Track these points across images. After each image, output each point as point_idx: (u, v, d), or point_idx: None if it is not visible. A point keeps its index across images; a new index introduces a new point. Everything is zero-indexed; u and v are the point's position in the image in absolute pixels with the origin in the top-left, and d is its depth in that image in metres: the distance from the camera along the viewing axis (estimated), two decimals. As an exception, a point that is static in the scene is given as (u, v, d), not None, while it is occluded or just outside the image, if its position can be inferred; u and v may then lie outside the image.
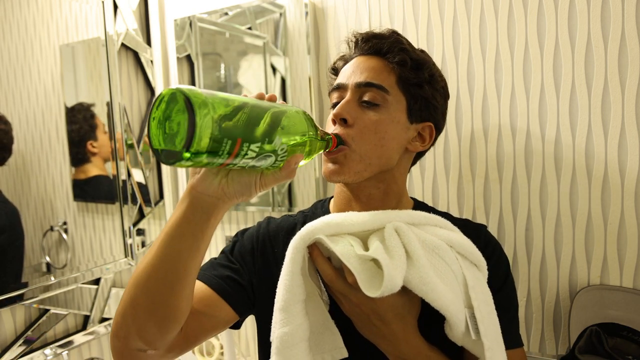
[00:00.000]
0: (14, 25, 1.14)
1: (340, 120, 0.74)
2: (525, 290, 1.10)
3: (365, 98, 0.75)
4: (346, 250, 0.63)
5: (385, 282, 0.58)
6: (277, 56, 1.33)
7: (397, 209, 0.77)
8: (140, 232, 1.46)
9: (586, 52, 1.00)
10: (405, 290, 0.63)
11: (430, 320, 0.67)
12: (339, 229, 0.67)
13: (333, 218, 0.68)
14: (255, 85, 1.38)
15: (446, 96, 0.84)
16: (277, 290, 0.68)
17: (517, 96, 1.07)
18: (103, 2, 1.34)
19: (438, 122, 0.82)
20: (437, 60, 1.13)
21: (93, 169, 1.33)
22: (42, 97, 1.19)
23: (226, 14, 1.40)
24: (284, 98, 1.33)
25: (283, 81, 1.33)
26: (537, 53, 1.04)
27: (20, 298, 1.12)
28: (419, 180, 1.19)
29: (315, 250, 0.67)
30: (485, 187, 1.12)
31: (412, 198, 0.88)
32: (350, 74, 0.77)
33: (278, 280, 0.68)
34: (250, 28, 1.37)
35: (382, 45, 0.77)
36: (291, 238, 0.69)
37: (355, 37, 0.81)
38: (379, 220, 0.68)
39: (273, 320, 0.67)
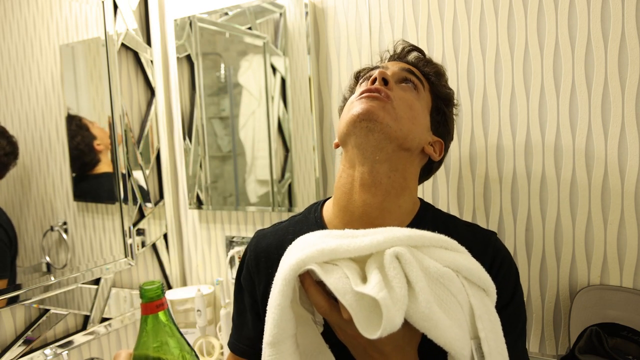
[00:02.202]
0: (14, 25, 1.14)
1: (382, 80, 0.76)
2: (525, 290, 1.10)
3: (406, 77, 0.82)
4: (341, 284, 0.58)
5: (384, 324, 0.54)
6: (277, 56, 1.33)
7: (395, 211, 0.76)
8: (140, 232, 1.46)
9: (586, 52, 1.00)
10: (405, 322, 0.58)
11: (431, 348, 0.62)
12: (334, 256, 0.61)
13: (327, 245, 0.62)
14: (255, 85, 1.38)
15: (453, 117, 0.90)
16: (266, 322, 0.63)
17: (517, 96, 1.07)
18: (103, 2, 1.34)
19: (447, 142, 0.87)
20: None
21: (103, 166, 1.34)
22: (42, 97, 1.19)
23: (226, 14, 1.40)
24: (284, 98, 1.33)
25: (283, 81, 1.33)
26: (537, 53, 1.04)
27: (20, 298, 1.12)
28: (419, 180, 1.19)
29: (307, 279, 0.63)
30: (485, 187, 1.12)
31: (419, 199, 0.85)
32: (389, 66, 0.85)
33: None
34: (250, 28, 1.37)
35: (420, 59, 0.88)
36: (282, 254, 0.67)
37: (396, 47, 0.93)
38: (378, 244, 0.62)
39: (262, 354, 0.64)
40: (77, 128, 1.29)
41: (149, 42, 1.50)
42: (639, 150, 0.97)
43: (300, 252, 0.62)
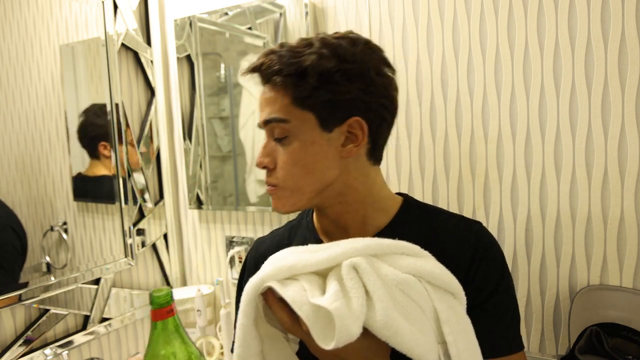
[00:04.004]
0: (14, 25, 1.14)
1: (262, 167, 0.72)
2: (525, 290, 1.10)
3: (275, 135, 0.70)
4: (298, 297, 0.58)
5: (337, 334, 0.54)
6: (277, 56, 1.33)
7: (371, 215, 0.74)
8: (140, 232, 1.46)
9: (586, 52, 1.00)
10: (370, 332, 0.58)
11: (405, 357, 0.61)
12: (292, 272, 0.61)
13: (285, 261, 0.62)
14: (256, 85, 1.37)
15: (363, 76, 0.68)
16: (235, 339, 0.64)
17: (517, 96, 1.07)
18: (103, 2, 1.34)
19: (364, 111, 0.68)
20: (436, 60, 1.14)
21: (101, 169, 1.34)
22: (42, 97, 1.19)
23: (226, 14, 1.40)
24: (284, 98, 1.33)
25: (283, 81, 1.33)
26: (537, 53, 1.04)
27: (20, 298, 1.12)
28: (419, 180, 1.19)
29: (270, 297, 0.62)
30: (485, 187, 1.12)
31: (401, 194, 0.81)
32: (260, 111, 0.73)
33: None
34: (250, 28, 1.37)
35: (265, 72, 0.70)
36: None
37: (248, 69, 0.74)
38: (335, 257, 0.61)
39: None
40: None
41: (149, 42, 1.50)
42: (639, 150, 0.97)
43: (261, 271, 0.62)
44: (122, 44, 1.41)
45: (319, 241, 0.78)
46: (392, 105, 0.71)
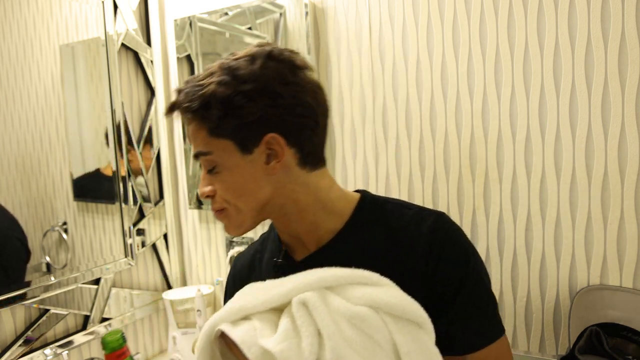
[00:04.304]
0: (14, 25, 1.14)
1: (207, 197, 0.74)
2: (525, 290, 1.10)
3: (206, 167, 0.72)
4: (248, 337, 0.57)
5: None
6: (277, 56, 1.33)
7: (323, 220, 0.72)
8: (140, 232, 1.46)
9: (586, 52, 1.00)
10: None
11: None
12: (244, 312, 0.60)
13: (235, 303, 0.62)
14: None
15: (266, 92, 0.66)
16: None
17: (517, 96, 1.07)
18: (103, 2, 1.34)
19: (277, 125, 0.67)
20: (436, 60, 1.14)
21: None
22: (42, 97, 1.19)
23: (226, 14, 1.40)
24: (284, 98, 1.33)
25: (283, 81, 1.33)
26: (537, 53, 1.04)
27: (20, 298, 1.12)
28: (419, 180, 1.19)
29: (226, 338, 0.61)
30: (485, 187, 1.12)
31: (360, 191, 0.78)
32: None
33: None
34: (250, 28, 1.37)
35: (178, 110, 0.71)
36: (252, 271, 0.71)
37: (165, 110, 0.74)
38: (286, 293, 0.60)
39: None
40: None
41: (149, 42, 1.50)
42: (639, 150, 0.97)
43: (214, 316, 0.62)
44: (122, 44, 1.41)
45: (283, 251, 0.78)
46: (310, 110, 0.69)
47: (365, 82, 1.23)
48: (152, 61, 1.51)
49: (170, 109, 0.71)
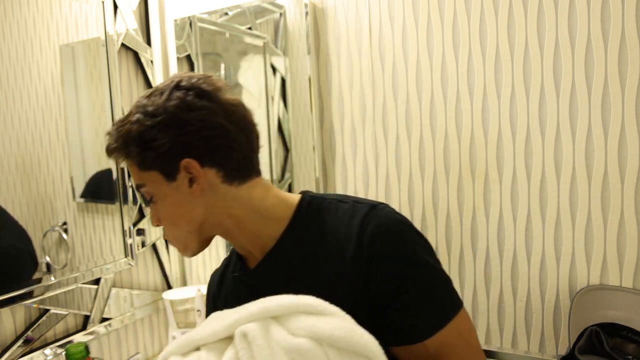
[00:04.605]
0: (14, 25, 1.14)
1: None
2: (525, 290, 1.10)
3: (146, 198, 0.77)
4: None
5: None
6: (277, 56, 1.33)
7: (263, 228, 0.74)
8: (140, 232, 1.46)
9: (586, 52, 1.00)
10: None
11: None
12: (194, 344, 0.61)
13: (184, 336, 0.63)
14: (255, 85, 1.38)
15: (173, 121, 0.70)
16: None
17: (517, 96, 1.07)
18: (103, 2, 1.34)
19: (189, 150, 0.70)
20: (436, 60, 1.14)
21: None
22: (42, 97, 1.19)
23: (226, 14, 1.40)
24: (284, 98, 1.33)
25: (283, 81, 1.33)
26: (537, 53, 1.04)
27: (20, 298, 1.12)
28: (419, 180, 1.19)
29: None
30: (485, 187, 1.12)
31: (302, 192, 0.79)
32: None
33: None
34: (250, 28, 1.37)
35: (109, 151, 0.75)
36: (222, 286, 0.78)
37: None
38: (231, 325, 0.60)
39: None
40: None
41: (149, 42, 1.50)
42: (639, 150, 0.97)
43: (164, 350, 0.64)
44: (122, 44, 1.41)
45: (239, 263, 0.81)
46: (222, 130, 0.71)
47: (365, 82, 1.23)
48: (152, 61, 1.51)
49: (106, 152, 0.76)
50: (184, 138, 0.70)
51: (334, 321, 0.59)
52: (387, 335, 0.66)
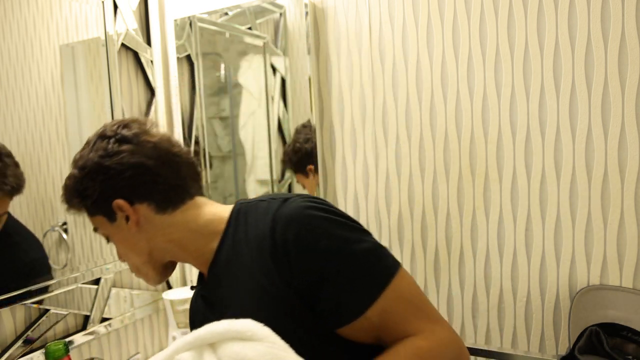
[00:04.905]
0: (14, 25, 1.14)
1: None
2: (525, 290, 1.10)
3: (105, 238, 0.87)
4: None
5: None
6: (277, 56, 1.33)
7: (204, 244, 0.79)
8: (140, 232, 1.45)
9: (586, 52, 1.00)
10: None
11: None
12: None
13: None
14: (255, 85, 1.38)
15: (97, 169, 0.78)
16: None
17: (517, 96, 1.07)
18: (103, 2, 1.34)
19: (117, 192, 0.78)
20: (436, 60, 1.14)
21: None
22: (42, 97, 1.19)
23: (226, 14, 1.40)
24: (284, 98, 1.33)
25: (283, 81, 1.33)
26: (537, 53, 1.04)
27: (20, 298, 1.12)
28: (419, 180, 1.19)
29: None
30: (485, 187, 1.12)
31: (238, 201, 0.82)
32: None
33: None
34: (250, 28, 1.37)
35: (67, 208, 0.84)
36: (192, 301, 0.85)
37: None
38: (170, 354, 0.63)
39: None
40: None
41: (149, 42, 1.50)
42: (639, 150, 0.97)
43: None
44: (122, 44, 1.40)
45: (198, 276, 0.87)
46: (142, 168, 0.77)
47: (365, 82, 1.23)
48: (152, 61, 1.51)
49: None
50: (110, 182, 0.77)
51: (260, 347, 0.61)
52: (326, 320, 0.68)
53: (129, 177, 0.77)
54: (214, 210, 0.81)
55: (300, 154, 1.31)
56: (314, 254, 0.68)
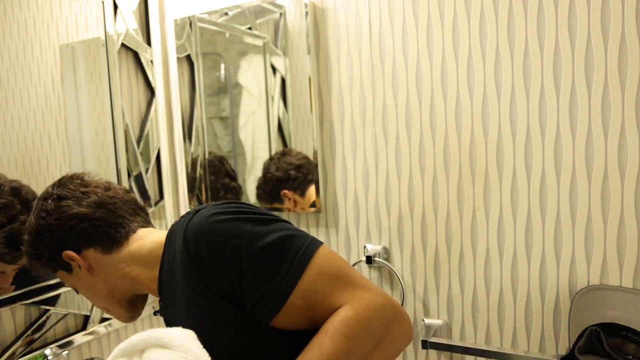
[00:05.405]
0: (14, 25, 1.14)
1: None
2: (525, 290, 1.10)
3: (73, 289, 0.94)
4: None
5: None
6: (277, 56, 1.33)
7: (152, 272, 0.82)
8: (140, 232, 1.45)
9: (586, 52, 1.00)
10: None
11: None
12: None
13: None
14: (255, 85, 1.38)
15: (39, 231, 0.85)
16: None
17: (517, 96, 1.07)
18: (103, 2, 1.34)
19: (62, 245, 0.84)
20: (436, 60, 1.14)
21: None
22: (42, 97, 1.19)
23: (226, 14, 1.40)
24: (284, 98, 1.33)
25: (283, 81, 1.33)
26: (537, 53, 1.04)
27: (20, 298, 1.12)
28: (419, 180, 1.19)
29: None
30: (485, 187, 1.12)
31: (173, 223, 0.85)
32: None
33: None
34: (250, 28, 1.37)
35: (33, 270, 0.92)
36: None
37: None
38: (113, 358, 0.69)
39: None
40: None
41: (149, 42, 1.50)
42: (639, 150, 0.97)
43: None
44: (122, 44, 1.40)
45: (159, 302, 0.88)
46: (78, 218, 0.84)
47: (365, 82, 1.23)
48: (152, 61, 1.51)
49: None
50: (54, 237, 0.84)
51: (170, 355, 0.65)
52: (257, 317, 0.69)
53: (69, 228, 0.84)
54: (154, 238, 0.85)
55: (272, 182, 1.36)
56: (227, 257, 0.69)
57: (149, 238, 0.85)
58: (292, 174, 1.34)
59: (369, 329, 0.65)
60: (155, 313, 0.92)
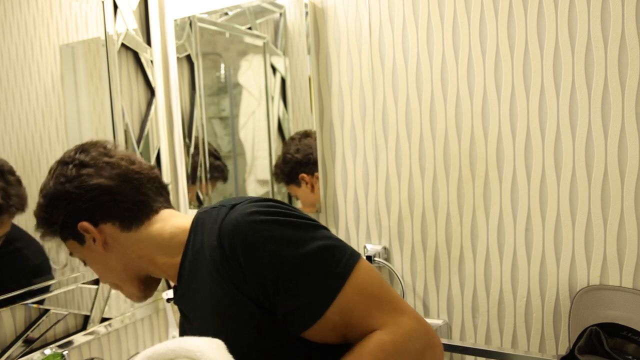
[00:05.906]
0: (14, 25, 1.14)
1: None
2: (525, 290, 1.10)
3: (81, 261, 0.90)
4: None
5: None
6: (277, 56, 1.33)
7: (171, 258, 0.80)
8: (140, 232, 1.45)
9: (586, 52, 1.00)
10: None
11: None
12: None
13: None
14: (255, 85, 1.38)
15: (59, 196, 0.81)
16: None
17: (517, 96, 1.07)
18: (103, 2, 1.34)
19: (81, 215, 0.80)
20: (436, 60, 1.14)
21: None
22: (42, 97, 1.19)
23: (226, 14, 1.40)
24: (284, 98, 1.33)
25: (283, 81, 1.33)
26: (537, 53, 1.04)
27: (20, 298, 1.12)
28: (419, 180, 1.19)
29: None
30: (485, 187, 1.12)
31: (199, 210, 0.82)
32: None
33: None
34: (250, 28, 1.37)
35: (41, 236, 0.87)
36: None
37: None
38: None
39: None
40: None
41: (149, 42, 1.50)
42: (639, 150, 0.97)
43: None
44: (122, 44, 1.40)
45: (173, 288, 0.86)
46: (101, 189, 0.80)
47: (365, 82, 1.23)
48: (152, 61, 1.51)
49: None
50: (72, 206, 0.80)
51: None
52: (289, 325, 0.68)
53: (89, 199, 0.79)
54: (178, 223, 0.81)
55: (292, 164, 1.32)
56: (264, 260, 0.67)
57: (171, 221, 0.82)
58: (312, 158, 1.29)
59: (403, 356, 0.65)
60: (168, 300, 0.91)
